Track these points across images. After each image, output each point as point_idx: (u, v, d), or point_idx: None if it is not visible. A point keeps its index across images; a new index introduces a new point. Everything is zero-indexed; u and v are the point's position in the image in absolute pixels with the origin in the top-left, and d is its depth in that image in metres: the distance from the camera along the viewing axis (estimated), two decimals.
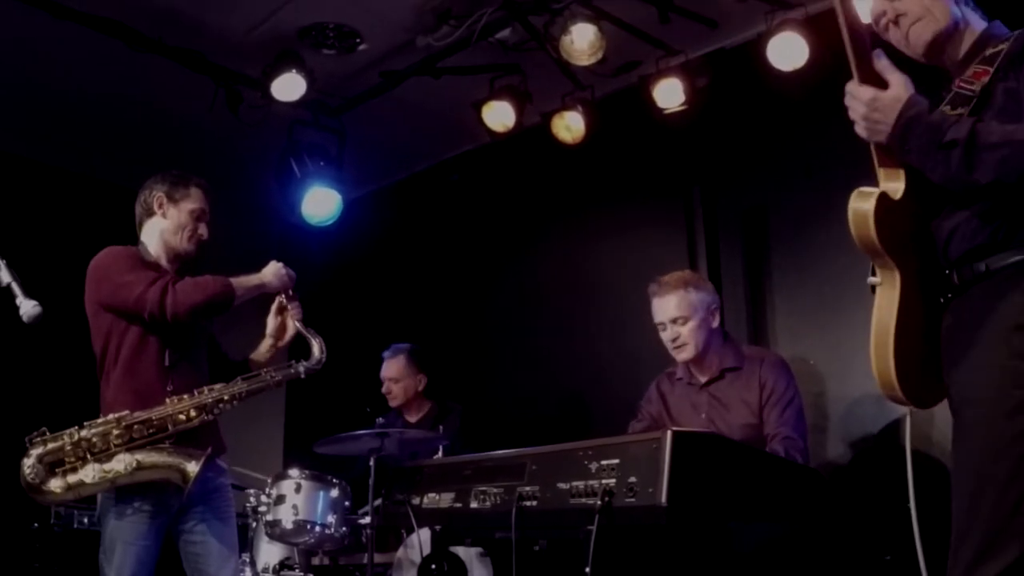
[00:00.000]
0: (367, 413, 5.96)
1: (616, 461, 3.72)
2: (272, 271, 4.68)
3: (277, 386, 4.60)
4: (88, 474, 4.19)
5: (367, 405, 6.23)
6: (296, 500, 5.61)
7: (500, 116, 6.70)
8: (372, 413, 5.92)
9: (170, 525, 4.42)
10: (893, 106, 2.98)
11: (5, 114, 7.42)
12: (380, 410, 6.31)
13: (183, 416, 4.31)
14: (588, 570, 3.66)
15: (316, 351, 4.69)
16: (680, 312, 5.06)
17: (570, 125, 6.72)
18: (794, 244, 6.05)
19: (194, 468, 4.20)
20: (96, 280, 4.47)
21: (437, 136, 7.87)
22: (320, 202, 7.22)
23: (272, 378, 4.55)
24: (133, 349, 4.40)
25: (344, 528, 5.68)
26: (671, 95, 6.29)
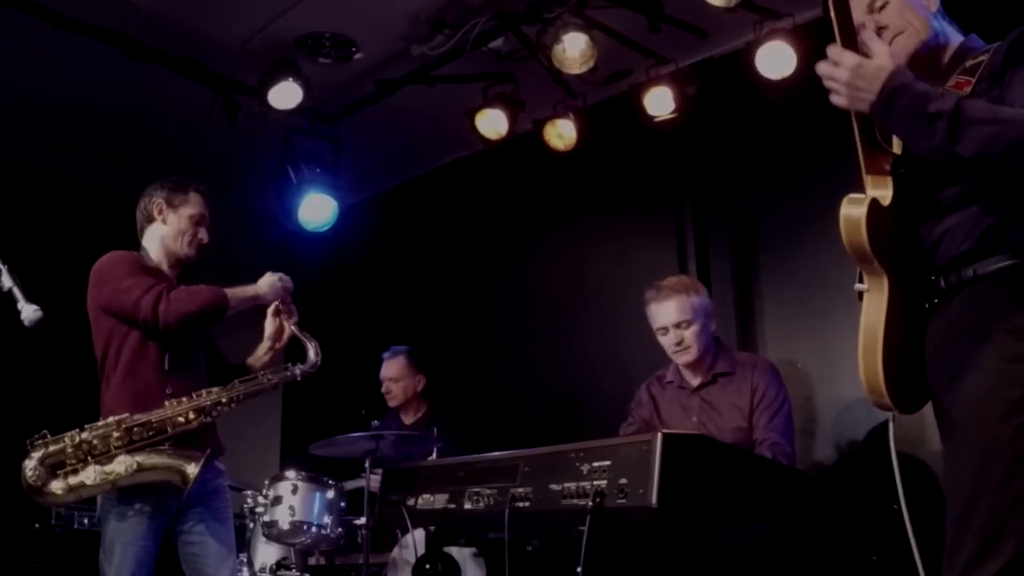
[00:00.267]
0: (362, 416, 5.94)
1: (607, 463, 3.72)
2: (267, 283, 4.68)
3: (274, 388, 4.61)
4: (89, 476, 4.19)
5: (362, 408, 6.22)
6: (293, 501, 5.62)
7: (493, 124, 6.70)
8: (367, 416, 5.90)
9: (169, 526, 4.42)
10: (878, 74, 2.95)
11: (8, 121, 7.42)
12: (376, 412, 6.30)
13: (182, 419, 4.32)
14: (580, 570, 3.66)
15: (312, 354, 4.70)
16: (683, 316, 5.05)
17: (562, 133, 6.72)
18: (782, 250, 6.05)
19: (193, 470, 4.20)
20: (98, 284, 4.47)
21: (431, 143, 7.87)
22: (316, 208, 7.21)
23: (269, 381, 4.56)
24: (133, 353, 4.40)
25: (340, 529, 5.69)
26: (661, 103, 6.29)
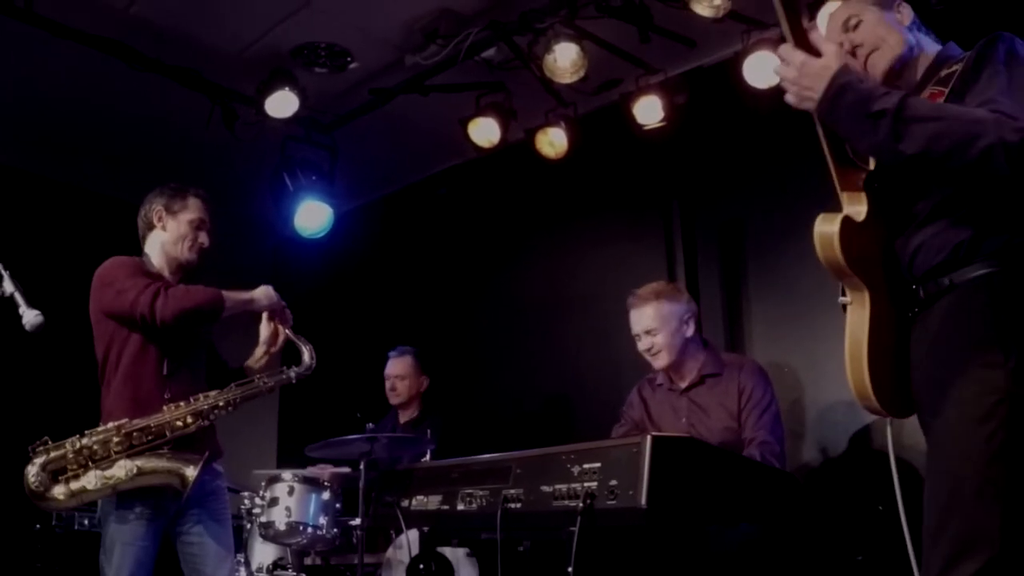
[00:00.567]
0: (358, 419, 5.94)
1: (598, 465, 3.72)
2: (263, 292, 4.68)
3: (270, 391, 4.61)
4: (90, 481, 4.19)
5: (357, 411, 6.21)
6: (289, 502, 5.60)
7: (486, 132, 6.70)
8: (363, 419, 5.90)
9: (168, 527, 4.42)
10: (823, 74, 2.94)
11: (9, 129, 7.42)
12: (371, 415, 6.28)
13: (180, 423, 4.32)
14: (570, 570, 3.66)
15: (306, 357, 4.71)
16: (652, 324, 5.09)
17: (553, 141, 6.73)
18: (769, 255, 6.05)
19: (192, 472, 4.20)
20: (99, 288, 4.47)
21: (425, 151, 7.86)
22: (312, 215, 7.22)
23: (265, 384, 4.56)
24: (133, 357, 4.39)
25: (335, 529, 5.68)
26: (651, 112, 6.29)
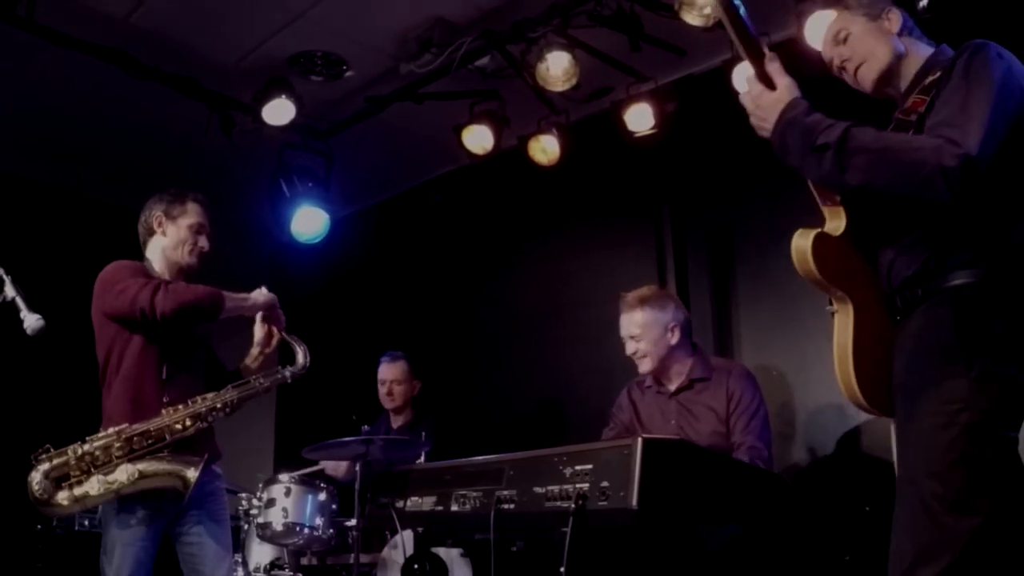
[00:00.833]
0: (353, 421, 5.94)
1: (589, 466, 3.73)
2: (259, 293, 4.69)
3: (266, 391, 4.61)
4: (93, 486, 4.19)
5: (353, 413, 6.22)
6: (286, 503, 5.60)
7: (479, 139, 6.71)
8: (358, 421, 5.90)
9: (168, 528, 4.42)
10: (775, 107, 3.04)
11: (10, 136, 7.42)
12: (366, 418, 6.29)
13: (179, 426, 4.32)
14: (563, 570, 3.66)
15: (300, 357, 4.72)
16: (636, 330, 5.10)
17: (546, 148, 6.73)
18: (758, 261, 6.06)
19: (193, 474, 4.21)
20: (102, 290, 4.47)
21: (420, 158, 7.88)
22: (309, 221, 7.22)
23: (261, 384, 4.56)
24: (134, 360, 4.39)
25: (331, 530, 5.68)
26: (641, 119, 6.30)
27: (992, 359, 2.80)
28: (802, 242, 3.14)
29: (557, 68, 6.02)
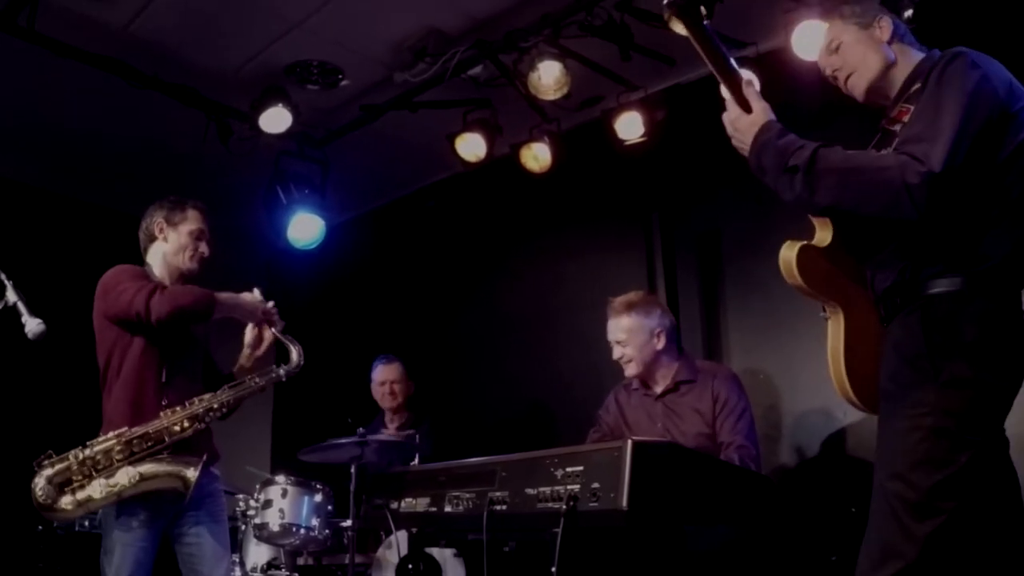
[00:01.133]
0: (348, 424, 5.93)
1: (580, 468, 3.73)
2: (248, 296, 4.69)
3: (261, 391, 4.61)
4: (96, 490, 4.19)
5: (348, 416, 6.22)
6: (282, 504, 5.60)
7: (472, 147, 6.72)
8: (353, 424, 5.89)
9: (167, 528, 4.42)
10: (750, 130, 3.11)
11: (13, 145, 7.41)
12: (361, 420, 6.29)
13: (178, 427, 4.32)
14: (554, 570, 3.66)
15: (294, 356, 4.72)
16: (622, 336, 5.12)
17: (537, 155, 6.75)
18: (746, 266, 6.06)
19: (193, 474, 4.22)
20: (102, 294, 4.46)
21: (414, 166, 7.90)
22: (305, 227, 7.22)
23: (256, 384, 4.57)
24: (134, 363, 4.39)
25: (327, 530, 5.68)
26: (631, 128, 6.31)
27: (964, 367, 2.82)
28: (788, 254, 3.23)
29: (549, 77, 6.03)
